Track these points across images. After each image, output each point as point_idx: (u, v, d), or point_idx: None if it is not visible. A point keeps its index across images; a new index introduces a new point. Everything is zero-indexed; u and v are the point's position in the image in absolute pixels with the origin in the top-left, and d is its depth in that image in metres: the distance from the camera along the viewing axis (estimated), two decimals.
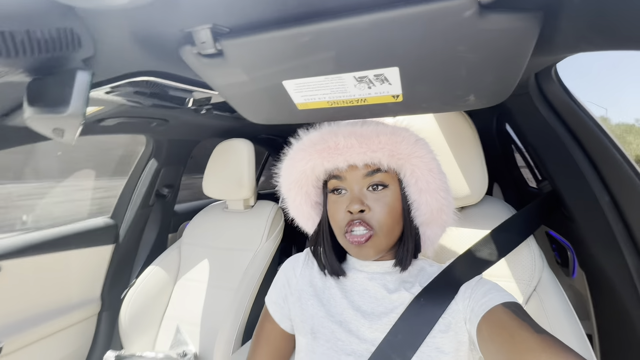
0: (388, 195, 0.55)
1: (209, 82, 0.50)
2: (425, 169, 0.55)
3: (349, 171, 0.56)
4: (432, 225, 0.58)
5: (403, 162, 0.55)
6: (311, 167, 0.58)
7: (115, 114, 0.94)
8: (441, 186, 0.56)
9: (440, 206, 0.56)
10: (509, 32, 0.33)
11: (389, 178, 0.55)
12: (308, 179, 0.60)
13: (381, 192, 0.55)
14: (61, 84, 0.39)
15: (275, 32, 0.38)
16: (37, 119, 0.41)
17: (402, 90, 0.44)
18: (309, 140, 0.58)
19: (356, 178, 0.55)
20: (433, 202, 0.55)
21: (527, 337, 0.40)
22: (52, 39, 0.36)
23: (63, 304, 1.18)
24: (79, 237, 1.23)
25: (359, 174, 0.55)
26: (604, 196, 0.63)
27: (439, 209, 0.56)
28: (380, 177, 0.55)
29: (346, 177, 0.56)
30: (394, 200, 0.55)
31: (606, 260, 0.67)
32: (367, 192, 0.55)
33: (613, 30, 0.30)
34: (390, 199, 0.55)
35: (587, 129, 0.62)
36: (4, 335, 0.98)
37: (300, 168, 0.59)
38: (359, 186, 0.55)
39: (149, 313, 1.20)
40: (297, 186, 0.61)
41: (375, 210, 0.54)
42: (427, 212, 0.56)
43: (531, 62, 0.51)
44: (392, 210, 0.54)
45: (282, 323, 0.64)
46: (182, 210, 1.70)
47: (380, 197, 0.54)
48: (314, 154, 0.57)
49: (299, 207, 0.64)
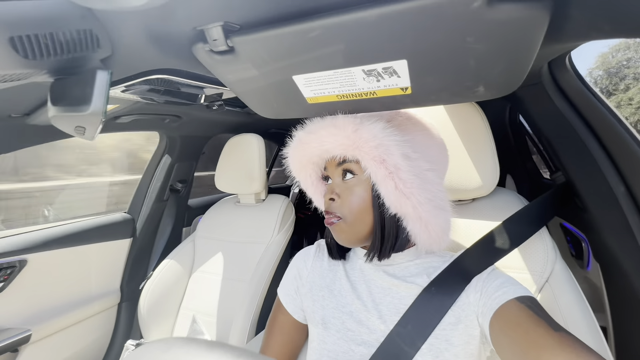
0: (357, 185, 0.55)
1: (221, 78, 0.51)
2: (368, 158, 0.52)
3: (329, 162, 0.59)
4: (407, 218, 0.54)
5: (352, 152, 0.54)
6: (298, 161, 0.62)
7: (130, 112, 0.97)
8: (387, 176, 0.51)
9: (397, 198, 0.51)
10: (518, 21, 0.32)
11: (358, 167, 0.55)
12: (307, 172, 0.63)
13: (350, 181, 0.56)
14: (82, 84, 0.41)
15: (285, 28, 0.39)
16: (61, 118, 0.43)
17: (410, 82, 0.45)
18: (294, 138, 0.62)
19: (332, 167, 0.58)
20: (387, 193, 0.52)
21: (544, 334, 0.40)
22: (73, 40, 0.38)
23: (85, 295, 1.24)
24: (98, 231, 1.28)
25: (333, 164, 0.58)
26: (619, 186, 0.62)
27: (396, 200, 0.52)
28: (347, 166, 0.56)
29: (327, 167, 0.59)
30: (362, 189, 0.55)
31: (621, 251, 0.66)
32: (341, 182, 0.57)
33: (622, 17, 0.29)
34: (358, 188, 0.55)
35: (602, 118, 0.61)
36: (33, 324, 1.04)
37: (293, 164, 0.64)
38: (335, 175, 0.58)
39: (166, 304, 1.25)
40: (301, 178, 0.65)
41: (344, 199, 0.56)
42: (389, 203, 0.53)
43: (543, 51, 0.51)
44: (359, 199, 0.55)
45: (295, 314, 0.66)
46: (196, 204, 1.74)
47: (350, 186, 0.56)
48: (293, 151, 0.62)
49: (313, 197, 0.67)
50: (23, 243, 1.05)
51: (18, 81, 0.41)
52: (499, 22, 0.33)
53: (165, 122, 1.18)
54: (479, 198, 0.83)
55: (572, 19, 0.35)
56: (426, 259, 0.60)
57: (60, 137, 0.98)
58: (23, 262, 1.04)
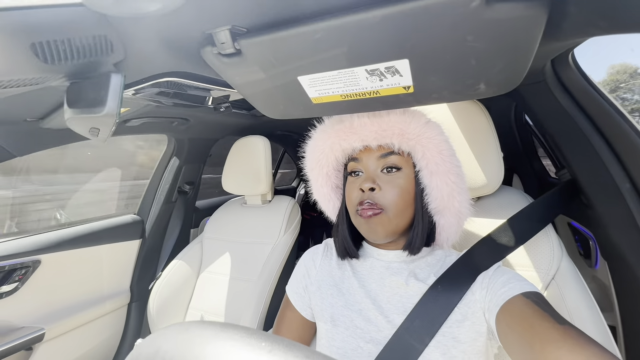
0: (401, 178, 0.56)
1: (228, 80, 0.53)
2: (435, 151, 0.55)
3: (365, 153, 0.58)
4: (445, 213, 0.57)
5: (414, 144, 0.56)
6: (329, 145, 0.61)
7: (140, 115, 0.99)
8: (451, 169, 0.55)
9: (451, 191, 0.55)
10: (516, 20, 0.33)
11: (402, 161, 0.57)
12: (328, 159, 0.63)
13: (394, 174, 0.56)
14: (97, 87, 0.43)
15: (290, 30, 0.40)
16: (77, 119, 0.45)
17: (412, 81, 0.46)
18: (329, 121, 0.62)
19: (371, 159, 0.58)
20: (443, 185, 0.55)
21: (548, 328, 0.40)
22: (89, 45, 0.40)
23: (96, 295, 1.26)
24: (108, 233, 1.30)
25: (373, 156, 0.57)
26: (624, 183, 0.62)
27: (449, 193, 0.55)
28: (393, 160, 0.56)
29: (362, 158, 0.58)
30: (407, 183, 0.56)
31: (628, 249, 0.66)
32: (381, 174, 0.57)
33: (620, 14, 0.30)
34: (402, 181, 0.56)
35: (606, 115, 0.61)
36: (46, 322, 1.06)
37: (320, 147, 0.63)
38: (373, 167, 0.58)
39: (175, 304, 1.26)
40: (318, 166, 0.64)
41: (386, 191, 0.55)
42: (438, 197, 0.56)
43: (545, 49, 0.51)
44: (403, 192, 0.55)
45: (303, 311, 0.67)
46: (203, 206, 1.76)
47: (393, 179, 0.56)
48: (331, 133, 0.61)
49: (320, 189, 0.67)
50: (37, 244, 1.08)
51: (36, 85, 0.43)
52: (498, 21, 0.34)
53: (173, 125, 1.20)
54: (485, 196, 0.83)
55: (570, 16, 0.35)
56: (435, 256, 0.61)
57: (73, 140, 1.01)
58: (37, 263, 1.07)
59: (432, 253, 0.61)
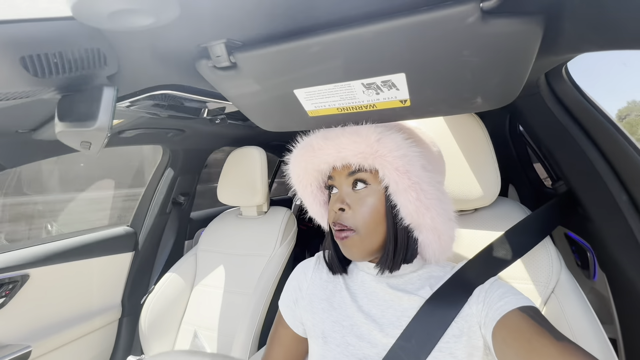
0: (370, 195, 0.54)
1: (224, 93, 0.53)
2: (391, 168, 0.51)
3: (337, 171, 0.57)
4: (421, 229, 0.54)
5: (371, 162, 0.53)
6: (303, 167, 0.60)
7: (135, 126, 0.98)
8: (411, 186, 0.51)
9: (415, 208, 0.52)
10: (512, 35, 0.33)
11: (370, 177, 0.54)
12: (308, 179, 0.62)
13: (362, 191, 0.54)
14: (89, 100, 0.42)
15: (286, 44, 0.40)
16: (67, 133, 0.44)
17: (409, 95, 0.45)
18: (299, 145, 0.61)
19: (342, 177, 0.57)
20: (407, 203, 0.52)
21: (546, 344, 0.39)
22: (81, 58, 0.39)
23: (86, 310, 1.23)
24: (100, 245, 1.28)
25: (343, 174, 0.56)
26: (621, 195, 0.62)
27: (415, 210, 0.52)
28: (361, 176, 0.55)
29: (335, 177, 0.58)
30: (376, 200, 0.54)
31: (627, 260, 0.65)
32: (351, 192, 0.55)
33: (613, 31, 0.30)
34: (372, 199, 0.54)
35: (600, 127, 0.61)
36: (33, 340, 1.03)
37: (295, 171, 0.62)
38: (344, 185, 0.56)
39: (167, 319, 1.23)
40: (301, 187, 0.63)
41: (356, 211, 0.54)
42: (406, 214, 0.53)
43: (539, 63, 0.52)
44: (373, 211, 0.53)
45: (294, 327, 0.65)
46: (198, 217, 1.74)
47: (362, 196, 0.54)
48: (299, 157, 0.60)
49: (311, 207, 0.66)
50: (25, 258, 1.05)
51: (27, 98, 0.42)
52: (494, 36, 0.34)
53: (168, 135, 1.19)
54: (481, 208, 0.83)
55: (565, 32, 0.36)
56: (428, 269, 0.60)
57: (66, 152, 1.00)
58: (25, 277, 1.04)
59: (424, 266, 0.60)
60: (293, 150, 0.62)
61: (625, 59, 0.67)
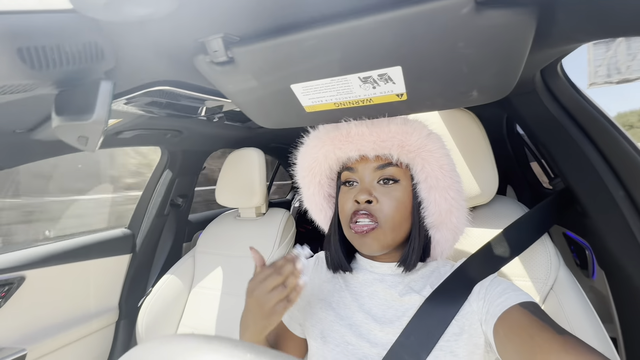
0: (398, 190, 0.54)
1: (221, 88, 0.53)
2: (436, 165, 0.53)
3: (361, 162, 0.56)
4: (441, 228, 0.56)
5: (414, 156, 0.54)
6: (323, 154, 0.59)
7: (133, 127, 0.98)
8: (452, 185, 0.54)
9: (449, 207, 0.54)
10: (506, 27, 0.34)
11: (400, 173, 0.55)
12: (321, 167, 0.60)
13: (391, 186, 0.54)
14: (86, 94, 0.42)
15: (282, 38, 0.40)
16: (64, 127, 0.44)
17: (406, 88, 0.46)
18: (324, 128, 0.59)
19: (367, 170, 0.55)
20: (442, 201, 0.53)
21: (549, 338, 0.39)
22: (79, 52, 0.40)
23: (83, 313, 1.21)
24: (98, 247, 1.27)
25: (370, 166, 0.55)
26: (618, 191, 0.62)
27: (447, 210, 0.54)
28: (391, 171, 0.54)
29: (358, 168, 0.56)
30: (404, 195, 0.54)
31: (625, 257, 0.65)
32: (377, 185, 0.55)
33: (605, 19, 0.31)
34: (400, 194, 0.54)
35: (596, 123, 0.62)
36: (28, 343, 1.01)
37: (313, 155, 0.60)
38: (369, 178, 0.55)
39: (165, 321, 1.22)
40: (310, 174, 0.62)
41: (383, 203, 0.53)
42: (435, 212, 0.54)
43: (535, 58, 0.52)
44: (400, 205, 0.53)
45: (291, 327, 0.65)
46: (196, 219, 1.73)
47: (390, 191, 0.54)
48: (327, 141, 0.58)
49: (312, 197, 0.64)
50: (22, 259, 1.04)
51: (23, 92, 0.42)
52: (488, 27, 0.34)
53: (166, 137, 1.19)
54: (480, 206, 0.83)
55: (559, 22, 0.36)
56: (429, 268, 0.60)
57: (64, 152, 0.99)
58: (21, 279, 1.03)
59: (426, 265, 0.60)
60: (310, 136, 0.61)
61: None
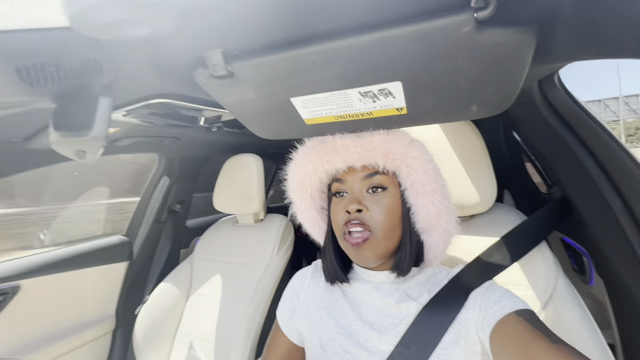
0: (387, 198, 0.55)
1: (221, 101, 0.53)
2: (420, 171, 0.54)
3: (349, 173, 0.57)
4: (432, 232, 0.56)
5: (399, 163, 0.55)
6: (312, 167, 0.60)
7: (130, 134, 0.98)
8: (437, 189, 0.55)
9: (438, 211, 0.54)
10: (507, 45, 0.34)
11: (388, 181, 0.56)
12: (311, 181, 0.61)
13: (380, 194, 0.55)
14: (85, 109, 0.42)
15: (283, 53, 0.40)
16: (62, 142, 0.44)
17: (405, 103, 0.46)
18: (310, 143, 0.61)
19: (356, 180, 0.56)
20: (430, 205, 0.54)
21: (544, 347, 0.40)
22: (78, 68, 0.39)
23: (79, 322, 1.20)
24: (94, 255, 1.25)
25: (358, 176, 0.56)
26: (615, 200, 0.62)
27: (436, 213, 0.54)
28: (378, 179, 0.55)
29: (346, 179, 0.57)
30: (393, 202, 0.55)
31: (622, 265, 0.65)
32: (366, 194, 0.56)
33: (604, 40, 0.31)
34: (389, 201, 0.54)
35: (593, 133, 0.62)
36: (24, 353, 1.00)
37: (302, 169, 0.61)
38: (358, 188, 0.56)
39: (162, 329, 1.21)
40: (301, 188, 0.63)
41: (373, 211, 0.54)
42: (424, 216, 0.55)
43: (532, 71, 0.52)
44: (390, 212, 0.54)
45: (290, 335, 0.64)
46: (194, 225, 1.72)
47: (379, 199, 0.55)
48: (314, 155, 0.59)
49: (305, 211, 0.65)
50: (17, 268, 1.03)
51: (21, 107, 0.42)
52: (489, 45, 0.34)
53: (164, 143, 1.19)
54: (478, 214, 0.83)
55: (558, 41, 0.36)
56: (425, 274, 0.60)
57: (60, 161, 0.99)
58: (16, 289, 1.02)
59: (422, 271, 0.60)
60: (299, 151, 0.62)
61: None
